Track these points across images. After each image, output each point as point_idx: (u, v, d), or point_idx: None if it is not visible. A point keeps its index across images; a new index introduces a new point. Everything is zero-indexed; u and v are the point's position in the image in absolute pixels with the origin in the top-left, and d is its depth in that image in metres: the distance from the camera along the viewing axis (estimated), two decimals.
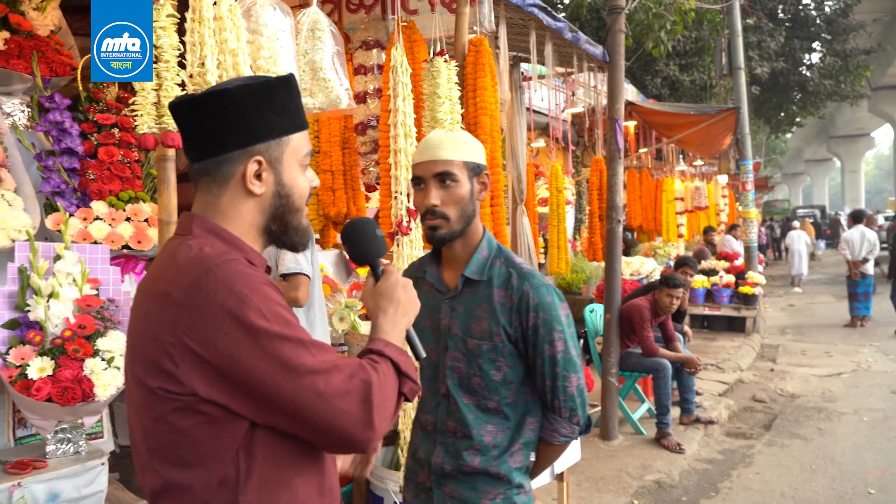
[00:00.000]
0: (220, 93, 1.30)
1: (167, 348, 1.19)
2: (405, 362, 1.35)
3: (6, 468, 2.53)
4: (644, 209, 11.80)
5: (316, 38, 2.77)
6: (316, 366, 1.20)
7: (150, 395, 1.23)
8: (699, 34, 15.35)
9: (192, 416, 1.20)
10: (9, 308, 2.65)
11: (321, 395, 1.19)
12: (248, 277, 1.22)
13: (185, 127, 1.34)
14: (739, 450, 5.88)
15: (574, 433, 1.94)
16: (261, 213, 1.35)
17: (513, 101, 6.03)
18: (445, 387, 1.93)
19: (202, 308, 1.18)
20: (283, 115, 1.35)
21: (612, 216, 5.94)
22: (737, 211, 13.04)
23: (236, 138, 1.30)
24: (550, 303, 1.86)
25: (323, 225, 4.24)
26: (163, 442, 1.24)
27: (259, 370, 1.17)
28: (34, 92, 3.29)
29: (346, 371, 1.23)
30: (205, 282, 1.19)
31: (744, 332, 10.79)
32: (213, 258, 1.22)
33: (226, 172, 1.32)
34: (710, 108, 10.73)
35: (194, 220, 1.33)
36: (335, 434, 1.22)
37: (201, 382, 1.19)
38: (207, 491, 1.23)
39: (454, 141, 1.91)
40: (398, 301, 1.46)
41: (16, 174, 3.10)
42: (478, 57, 3.57)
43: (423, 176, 1.90)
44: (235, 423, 1.21)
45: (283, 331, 1.20)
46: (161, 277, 1.27)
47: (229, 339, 1.17)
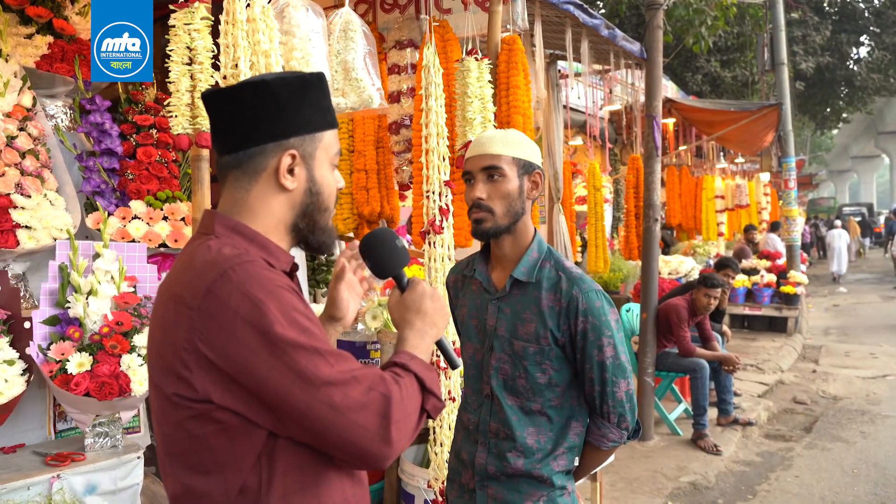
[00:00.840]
0: (256, 84, 1.27)
1: (181, 353, 1.17)
2: (430, 378, 1.31)
3: (46, 460, 2.59)
4: (683, 207, 11.62)
5: (348, 38, 2.78)
6: (333, 377, 1.15)
7: (166, 401, 1.21)
8: (741, 29, 15.08)
9: (209, 423, 1.18)
10: (50, 305, 2.72)
11: (336, 407, 1.15)
12: (264, 281, 1.17)
13: (218, 118, 1.31)
14: (778, 452, 5.77)
15: (622, 438, 1.93)
16: (290, 210, 1.32)
17: (549, 99, 6.00)
18: (489, 387, 1.93)
19: (215, 313, 1.15)
20: (318, 111, 1.33)
21: (649, 214, 5.87)
22: (779, 209, 12.76)
23: (271, 130, 1.27)
24: (600, 308, 1.85)
25: (357, 224, 4.26)
26: (181, 448, 1.22)
27: (272, 379, 1.13)
28: (76, 94, 3.37)
29: (366, 383, 1.18)
30: (219, 285, 1.16)
31: (785, 333, 10.60)
32: (230, 260, 1.19)
33: (258, 165, 1.28)
34: (751, 105, 10.53)
35: (216, 218, 1.30)
36: (350, 448, 1.18)
37: (215, 388, 1.16)
38: (227, 498, 1.20)
39: (505, 138, 1.92)
40: (425, 312, 1.42)
41: (58, 174, 3.18)
42: (511, 55, 3.56)
43: (471, 170, 1.92)
44: (253, 431, 1.18)
45: (299, 339, 1.15)
46: (178, 280, 1.24)
47: (242, 346, 1.14)
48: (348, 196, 4.17)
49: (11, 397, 2.48)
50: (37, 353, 2.61)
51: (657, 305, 6.03)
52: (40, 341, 2.65)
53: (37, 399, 2.90)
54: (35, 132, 3.09)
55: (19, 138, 3.00)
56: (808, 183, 30.03)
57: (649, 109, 5.95)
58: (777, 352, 9.40)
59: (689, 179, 11.80)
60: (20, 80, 3.10)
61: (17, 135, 3.00)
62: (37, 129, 3.11)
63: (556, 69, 6.34)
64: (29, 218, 2.90)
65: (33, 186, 2.98)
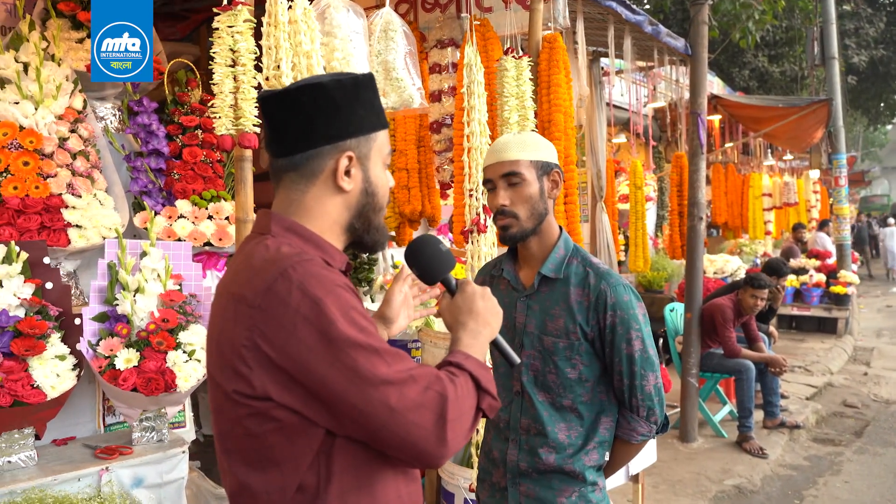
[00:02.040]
0: (313, 86, 1.28)
1: (241, 351, 1.18)
2: (485, 377, 1.30)
3: (96, 453, 2.67)
4: (730, 205, 11.42)
5: (389, 38, 2.80)
6: (390, 376, 1.16)
7: (226, 399, 1.22)
8: (790, 23, 14.74)
9: (267, 421, 1.19)
10: (99, 302, 2.79)
11: (393, 407, 1.15)
12: (323, 280, 1.18)
13: (273, 121, 1.32)
14: (827, 457, 5.63)
15: (651, 432, 1.93)
16: (346, 210, 1.33)
17: (592, 97, 5.95)
18: (520, 384, 1.94)
19: (276, 311, 1.16)
20: (371, 112, 1.34)
21: (693, 213, 5.78)
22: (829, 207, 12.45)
23: (328, 132, 1.28)
24: (628, 302, 1.87)
25: (399, 223, 4.28)
26: (239, 445, 1.24)
27: (330, 378, 1.14)
28: (125, 96, 3.45)
29: (422, 382, 1.18)
30: (279, 284, 1.17)
31: (835, 334, 10.34)
32: (289, 259, 1.19)
33: (315, 168, 1.29)
34: (799, 101, 10.29)
35: (272, 217, 1.31)
36: (407, 447, 1.18)
37: (274, 386, 1.17)
38: (284, 496, 1.21)
39: (521, 141, 1.94)
40: (478, 313, 1.41)
41: (107, 175, 3.26)
42: (552, 53, 3.53)
43: (492, 178, 1.95)
44: (311, 429, 1.19)
45: (358, 337, 1.16)
46: (236, 279, 1.26)
47: (301, 344, 1.14)
48: (390, 195, 4.19)
49: (63, 391, 2.55)
50: (86, 348, 2.68)
51: (702, 305, 5.96)
52: (90, 337, 2.72)
53: (87, 393, 2.98)
54: (85, 134, 3.18)
55: (70, 140, 3.09)
56: (860, 180, 29.20)
57: (694, 106, 5.85)
58: (826, 353, 9.17)
59: (735, 177, 11.59)
60: (71, 84, 3.18)
61: (68, 136, 3.09)
62: (87, 130, 3.19)
63: (598, 66, 6.28)
64: (79, 217, 2.98)
65: (84, 186, 3.06)
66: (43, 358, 2.54)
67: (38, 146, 2.97)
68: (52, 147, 3.01)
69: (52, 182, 2.98)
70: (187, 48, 5.24)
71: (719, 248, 12.18)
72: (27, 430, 2.56)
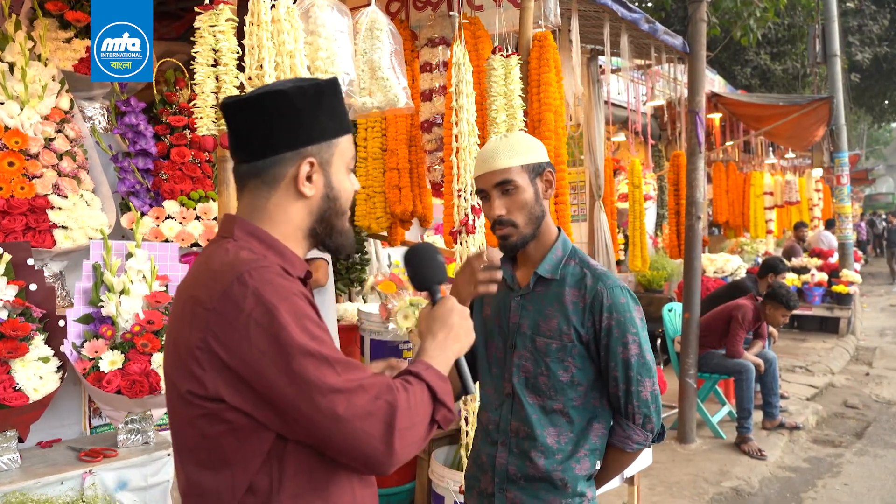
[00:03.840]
0: (274, 93, 1.29)
1: (195, 352, 1.20)
2: (442, 389, 1.31)
3: (80, 455, 2.65)
4: (731, 204, 11.36)
5: (374, 37, 2.77)
6: (339, 385, 1.17)
7: (180, 399, 1.24)
8: (792, 20, 14.66)
9: (219, 423, 1.21)
10: (84, 303, 2.77)
11: (341, 415, 1.16)
12: (279, 287, 1.20)
13: (235, 127, 1.34)
14: (827, 458, 5.59)
15: (647, 440, 1.89)
16: (308, 216, 1.35)
17: (590, 95, 5.91)
18: (511, 385, 1.91)
19: (230, 315, 1.18)
20: (333, 118, 1.35)
21: (691, 212, 5.75)
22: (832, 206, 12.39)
23: (289, 139, 1.30)
24: (624, 304, 1.83)
25: (390, 223, 4.26)
26: (191, 444, 1.26)
27: (280, 384, 1.16)
28: (113, 96, 3.44)
29: (372, 392, 1.19)
30: (235, 289, 1.18)
31: (837, 334, 10.28)
32: (247, 264, 1.21)
33: (276, 174, 1.31)
34: (800, 99, 10.23)
35: (236, 222, 1.33)
36: (355, 454, 1.19)
37: (226, 388, 1.19)
38: (234, 496, 1.23)
39: (509, 146, 1.89)
40: (451, 326, 1.43)
41: (94, 175, 3.24)
42: (542, 52, 3.50)
43: (485, 188, 1.91)
44: (261, 432, 1.20)
45: (309, 345, 1.17)
46: (195, 281, 1.28)
47: (253, 348, 1.16)
48: (381, 195, 4.17)
49: (46, 394, 2.53)
50: (70, 350, 2.67)
51: (722, 305, 5.95)
52: (74, 339, 2.71)
53: (73, 395, 2.97)
54: (72, 134, 3.16)
55: (57, 140, 3.07)
56: (863, 178, 29.10)
57: (692, 105, 5.82)
58: (828, 353, 9.12)
59: (736, 176, 11.54)
60: (58, 84, 3.17)
61: (54, 137, 3.07)
62: (74, 131, 3.18)
63: (596, 64, 6.24)
64: (65, 218, 2.97)
65: (70, 187, 3.04)
66: (25, 360, 2.52)
67: (24, 146, 2.96)
68: (37, 147, 2.99)
69: (38, 183, 2.96)
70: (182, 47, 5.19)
71: (720, 247, 12.13)
72: (10, 433, 2.54)
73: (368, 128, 4.26)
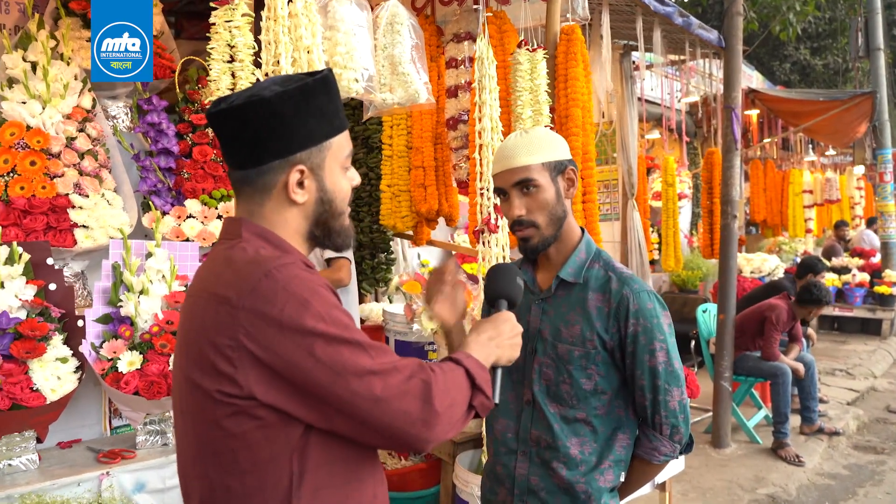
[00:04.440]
0: (257, 102, 1.25)
1: (225, 350, 1.19)
2: (481, 376, 1.33)
3: (98, 457, 2.62)
4: (769, 202, 11.13)
5: (395, 31, 2.70)
6: (375, 367, 1.20)
7: (206, 399, 1.22)
8: (833, 14, 14.31)
9: (248, 420, 1.20)
10: (103, 303, 2.75)
11: (379, 395, 1.19)
12: (306, 281, 1.21)
13: (222, 136, 1.32)
14: (868, 465, 5.39)
15: (675, 452, 1.80)
16: (305, 220, 1.34)
17: (622, 92, 5.78)
18: (531, 393, 1.83)
19: (262, 311, 1.18)
20: (323, 119, 1.31)
21: (727, 211, 5.58)
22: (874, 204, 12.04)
23: (276, 148, 1.28)
24: (651, 310, 1.73)
25: (416, 222, 4.19)
26: (217, 448, 1.24)
27: (318, 373, 1.17)
28: (135, 95, 3.42)
29: (406, 372, 1.23)
30: (265, 285, 1.19)
31: (879, 336, 9.97)
32: (272, 261, 1.22)
33: (267, 182, 1.29)
34: (841, 94, 9.94)
35: (243, 224, 1.32)
36: (394, 434, 1.22)
37: (259, 385, 1.18)
38: (261, 495, 1.23)
39: (529, 143, 1.80)
40: (500, 332, 1.46)
41: (116, 174, 3.23)
42: (569, 46, 3.40)
43: (503, 187, 1.82)
44: (290, 427, 1.21)
45: (343, 334, 1.20)
46: (217, 281, 1.26)
47: (288, 342, 1.17)
48: (406, 193, 4.11)
49: (64, 394, 2.52)
50: (89, 350, 2.65)
51: (755, 305, 5.79)
52: (93, 339, 2.69)
53: (93, 395, 2.95)
54: (94, 133, 3.15)
55: (78, 139, 3.06)
56: None
57: (728, 101, 5.66)
58: (869, 356, 8.85)
59: (774, 173, 11.29)
60: (80, 83, 3.16)
61: (76, 136, 3.06)
62: (96, 130, 3.17)
63: (629, 60, 6.12)
64: (86, 217, 2.95)
65: (91, 186, 3.03)
66: (43, 360, 2.51)
67: (45, 146, 2.95)
68: (59, 147, 2.98)
69: (59, 182, 2.95)
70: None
71: (758, 246, 11.87)
72: (28, 434, 2.53)
73: (394, 125, 4.19)
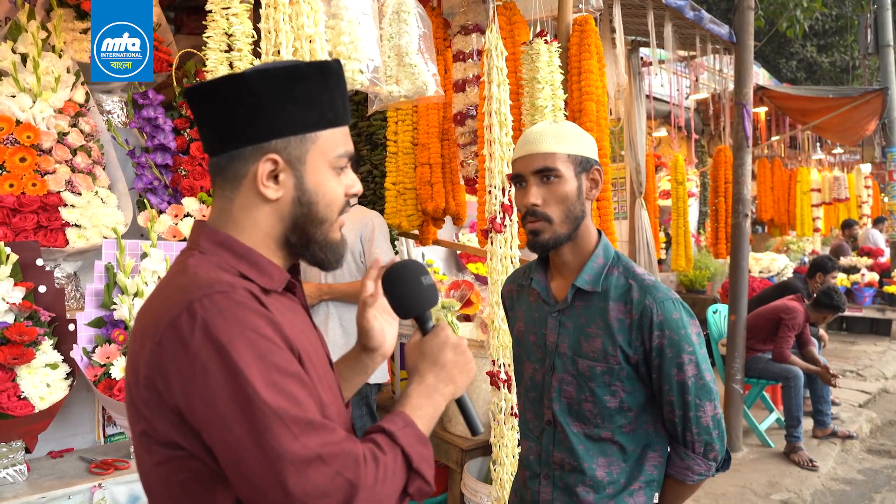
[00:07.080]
0: (233, 78, 1.10)
1: (142, 391, 1.04)
2: (419, 455, 1.09)
3: (90, 468, 2.51)
4: (776, 201, 10.96)
5: (401, 20, 2.57)
6: (293, 452, 0.96)
7: (136, 440, 1.09)
8: (840, 11, 14.16)
9: (180, 471, 1.04)
10: (95, 306, 2.63)
11: (289, 490, 0.95)
12: (236, 320, 1.00)
13: (198, 117, 1.16)
14: (884, 470, 5.26)
15: (710, 471, 1.65)
16: (279, 222, 1.15)
17: (631, 88, 5.66)
18: (551, 412, 1.69)
19: (174, 351, 1.00)
20: (311, 108, 1.14)
21: (738, 210, 5.45)
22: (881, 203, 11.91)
23: (249, 132, 1.11)
24: (678, 320, 1.58)
25: (422, 221, 4.06)
26: (157, 490, 1.09)
27: (226, 441, 0.98)
28: (131, 89, 3.29)
29: (333, 466, 0.98)
30: (182, 320, 1.00)
31: (889, 336, 9.85)
32: (200, 290, 1.02)
33: (237, 172, 1.13)
34: (851, 91, 9.81)
35: (203, 231, 1.15)
36: None
37: (176, 431, 1.02)
38: None
39: (557, 132, 1.66)
40: (442, 365, 1.21)
41: (110, 171, 3.10)
42: (583, 37, 3.27)
43: (522, 173, 1.67)
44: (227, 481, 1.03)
45: (262, 395, 0.97)
46: (149, 307, 1.10)
47: (196, 393, 0.98)
48: (412, 191, 3.98)
49: (53, 402, 2.39)
50: (81, 356, 2.52)
51: (768, 304, 5.67)
52: (85, 344, 2.56)
53: (86, 403, 2.84)
54: (87, 128, 3.02)
55: (71, 135, 2.93)
56: None
57: (739, 97, 5.53)
58: (880, 357, 8.71)
59: (782, 172, 11.13)
60: (73, 76, 3.03)
61: (68, 131, 2.93)
62: (89, 125, 3.04)
63: (638, 56, 5.99)
64: (79, 216, 2.83)
65: (84, 184, 2.90)
66: (32, 367, 2.38)
67: (36, 141, 2.82)
68: (50, 142, 2.85)
69: (51, 179, 2.82)
70: None
71: (765, 245, 11.74)
72: (16, 444, 2.40)
73: (399, 121, 4.06)
